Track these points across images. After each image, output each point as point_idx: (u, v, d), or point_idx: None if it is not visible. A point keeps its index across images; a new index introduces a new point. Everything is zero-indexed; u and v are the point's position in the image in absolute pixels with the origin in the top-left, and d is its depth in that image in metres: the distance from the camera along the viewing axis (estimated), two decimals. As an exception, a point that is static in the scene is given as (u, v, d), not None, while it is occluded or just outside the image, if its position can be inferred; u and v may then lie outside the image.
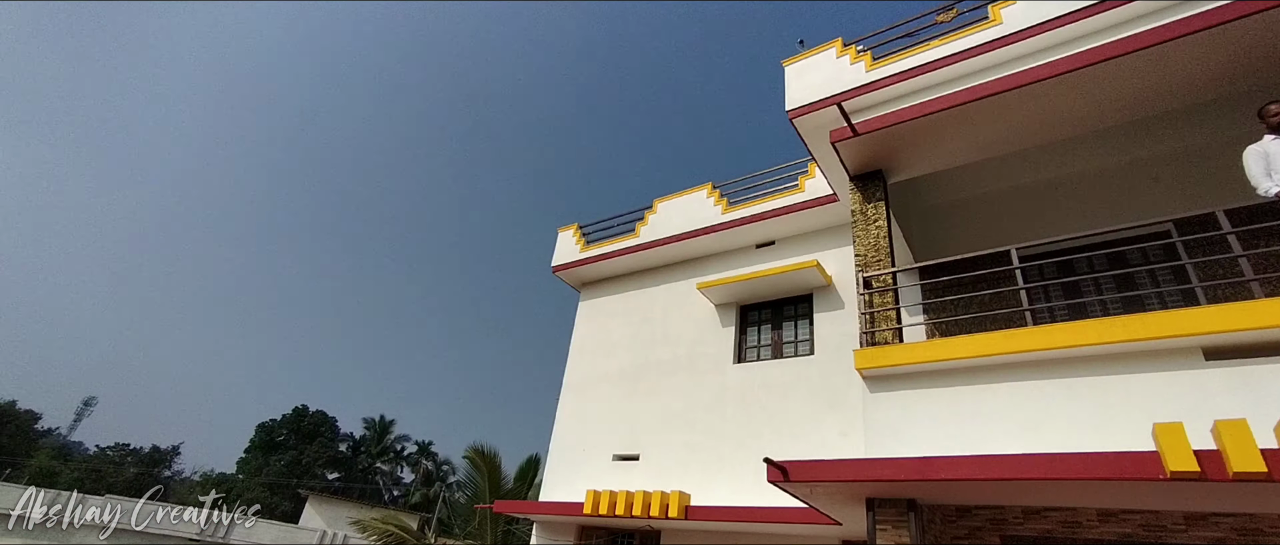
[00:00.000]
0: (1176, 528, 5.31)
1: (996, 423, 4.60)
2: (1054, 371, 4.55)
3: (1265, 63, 5.08)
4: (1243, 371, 3.97)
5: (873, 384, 5.18)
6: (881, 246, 5.99)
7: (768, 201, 9.71)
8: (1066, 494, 4.65)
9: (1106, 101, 5.61)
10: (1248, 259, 5.09)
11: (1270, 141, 4.56)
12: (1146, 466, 3.60)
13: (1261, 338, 3.89)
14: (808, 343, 8.59)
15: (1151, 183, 6.87)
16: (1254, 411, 3.67)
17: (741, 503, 7.30)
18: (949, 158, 6.51)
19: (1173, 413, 3.97)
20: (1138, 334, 4.10)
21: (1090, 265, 7.08)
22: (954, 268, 7.11)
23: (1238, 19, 4.73)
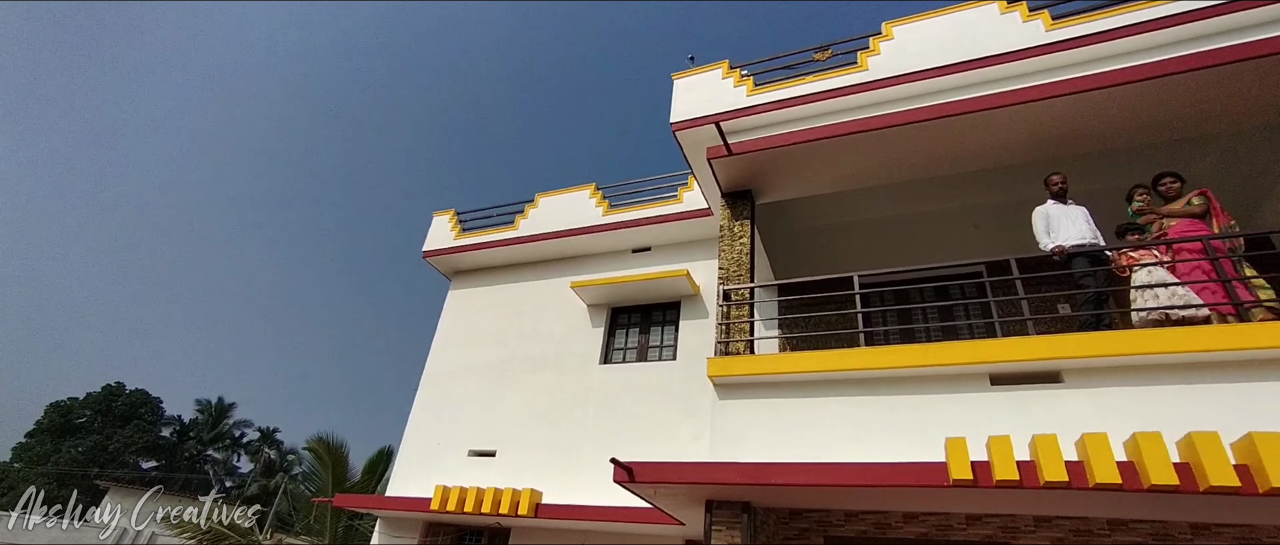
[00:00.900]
0: (959, 527, 6.10)
1: (827, 433, 5.01)
2: (877, 389, 5.04)
3: (1058, 139, 6.00)
4: (1017, 395, 4.65)
5: (722, 391, 5.46)
6: (743, 262, 6.34)
7: (647, 208, 9.94)
8: (880, 499, 5.18)
9: (940, 154, 6.35)
10: (1027, 301, 5.97)
11: (1052, 205, 5.42)
12: (937, 475, 4.11)
13: (1032, 367, 4.58)
14: (671, 349, 8.90)
15: (973, 229, 7.88)
16: (1024, 428, 4.31)
17: (596, 502, 7.38)
18: (812, 186, 7.04)
19: (965, 429, 4.55)
20: (941, 359, 4.67)
21: (921, 295, 7.99)
22: (807, 288, 7.70)
23: (1041, 99, 5.57)
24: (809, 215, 8.27)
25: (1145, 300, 4.69)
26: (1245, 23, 5.79)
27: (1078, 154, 6.16)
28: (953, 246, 7.76)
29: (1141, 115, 5.61)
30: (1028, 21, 6.67)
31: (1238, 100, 5.35)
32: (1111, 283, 5.16)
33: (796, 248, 8.75)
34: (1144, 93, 5.38)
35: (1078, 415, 4.41)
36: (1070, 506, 4.85)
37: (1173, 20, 5.97)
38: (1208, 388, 4.16)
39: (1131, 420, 4.15)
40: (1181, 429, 3.80)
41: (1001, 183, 7.11)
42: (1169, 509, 4.43)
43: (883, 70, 7.00)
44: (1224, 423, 3.89)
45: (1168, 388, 4.26)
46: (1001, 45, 6.56)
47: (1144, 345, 4.28)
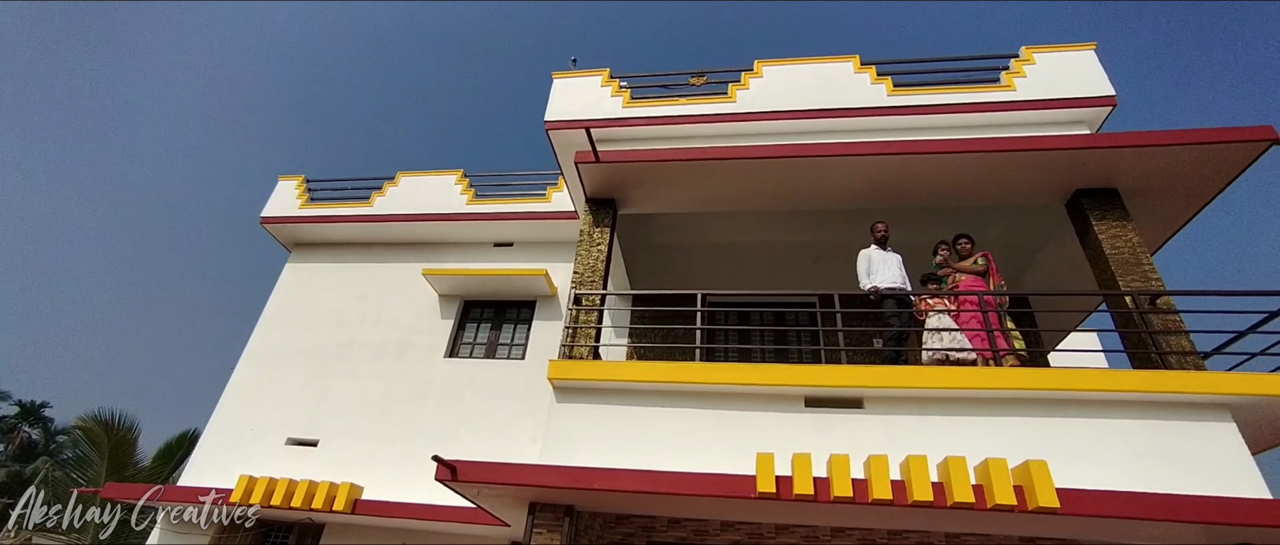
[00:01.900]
0: (769, 536, 6.59)
1: (657, 442, 5.18)
2: (708, 403, 5.30)
3: (888, 191, 6.75)
4: (826, 417, 5.13)
5: (560, 394, 5.45)
6: (598, 269, 6.41)
7: (514, 203, 9.74)
8: (699, 507, 5.44)
9: (791, 190, 6.86)
10: (847, 333, 6.61)
11: (874, 249, 6.08)
12: (746, 487, 4.40)
13: (840, 393, 5.08)
14: (522, 348, 8.77)
15: (813, 262, 8.61)
16: (829, 447, 4.75)
17: (421, 500, 7.02)
18: (673, 204, 7.30)
19: (781, 445, 4.92)
20: (764, 379, 5.03)
21: (760, 318, 8.58)
22: (656, 300, 7.96)
23: (878, 154, 6.24)
24: (669, 231, 8.58)
25: (933, 341, 5.41)
26: (1034, 120, 6.93)
27: (902, 207, 6.96)
28: (793, 276, 8.42)
29: (953, 181, 6.47)
30: (875, 83, 7.47)
31: (1022, 182, 6.35)
32: (912, 324, 5.89)
33: (654, 261, 9.03)
34: (956, 163, 6.21)
35: (873, 437, 4.95)
36: (859, 518, 5.43)
37: (983, 107, 7.00)
38: (970, 419, 4.87)
39: (914, 443, 4.75)
40: (946, 453, 4.42)
41: (840, 224, 7.84)
42: (929, 521, 5.10)
43: (749, 104, 7.47)
44: (978, 448, 4.58)
45: (942, 418, 4.93)
46: (851, 100, 7.28)
47: (927, 380, 4.92)
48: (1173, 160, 5.72)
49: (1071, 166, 6.04)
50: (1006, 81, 7.17)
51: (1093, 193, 6.21)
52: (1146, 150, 5.64)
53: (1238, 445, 4.45)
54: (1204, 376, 4.59)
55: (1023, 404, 4.85)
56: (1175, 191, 6.14)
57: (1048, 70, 7.13)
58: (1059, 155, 5.94)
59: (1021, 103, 6.94)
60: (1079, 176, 6.15)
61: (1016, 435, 4.74)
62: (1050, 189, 6.39)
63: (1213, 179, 5.90)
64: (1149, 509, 4.01)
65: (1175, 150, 5.58)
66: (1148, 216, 6.39)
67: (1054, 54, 7.26)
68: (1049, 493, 3.99)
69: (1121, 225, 5.94)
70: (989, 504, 4.08)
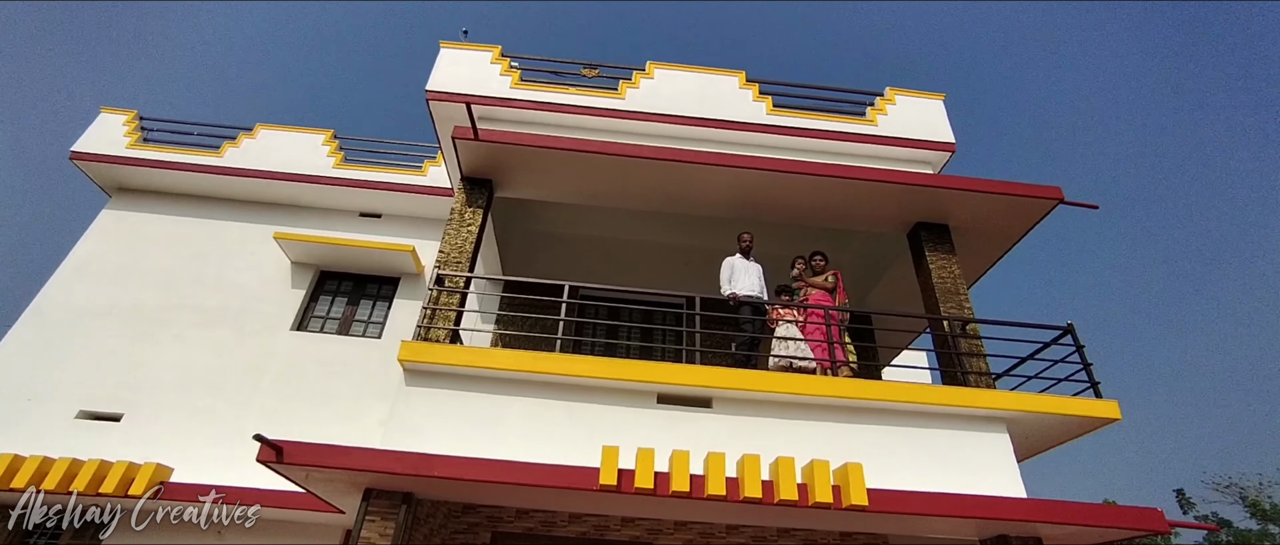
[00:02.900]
0: (615, 528, 6.74)
1: (510, 431, 5.08)
2: (564, 394, 5.28)
3: (759, 204, 7.12)
4: (676, 414, 5.31)
5: (411, 377, 5.20)
6: (466, 250, 6.19)
7: (387, 172, 9.16)
8: (546, 498, 5.40)
9: (668, 193, 7.03)
10: (709, 335, 6.89)
11: (738, 258, 6.40)
12: (588, 479, 4.45)
13: (691, 392, 5.29)
14: (380, 326, 8.27)
15: (685, 265, 8.90)
16: (678, 444, 4.90)
17: (243, 484, 6.37)
18: (553, 192, 7.22)
19: (632, 439, 5.00)
20: (620, 374, 5.11)
21: (629, 314, 8.73)
22: (525, 288, 7.84)
23: (752, 168, 6.55)
24: (547, 219, 8.49)
25: (780, 349, 5.80)
26: (888, 155, 7.64)
27: (769, 220, 7.38)
28: (665, 277, 8.64)
29: (815, 202, 6.96)
30: (757, 101, 7.86)
31: (873, 210, 6.97)
32: (764, 331, 6.27)
33: (530, 248, 8.89)
34: (819, 185, 6.68)
35: (718, 436, 5.20)
36: (699, 513, 5.69)
37: (848, 136, 7.60)
38: (805, 423, 5.27)
39: (754, 443, 5.03)
40: (782, 453, 4.74)
41: (712, 231, 8.17)
42: (761, 516, 5.46)
43: (637, 104, 7.56)
44: (808, 450, 4.96)
45: (781, 420, 5.28)
46: (733, 114, 7.61)
47: (771, 385, 5.25)
48: (989, 205, 6.56)
49: (913, 201, 6.73)
50: (870, 116, 7.84)
51: (929, 227, 6.96)
52: (968, 193, 6.41)
53: (1008, 452, 5.20)
54: (990, 394, 5.30)
55: (850, 412, 5.32)
56: (990, 233, 7.05)
57: (904, 112, 7.89)
58: (904, 189, 6.59)
59: (880, 137, 7.63)
60: (919, 211, 6.87)
61: (843, 439, 5.19)
62: (896, 219, 7.08)
63: (1017, 226, 6.84)
64: (938, 507, 4.56)
65: (989, 197, 6.40)
66: (969, 253, 7.28)
67: (911, 98, 8.05)
68: (861, 492, 4.42)
69: (948, 258, 6.71)
70: (810, 502, 4.44)
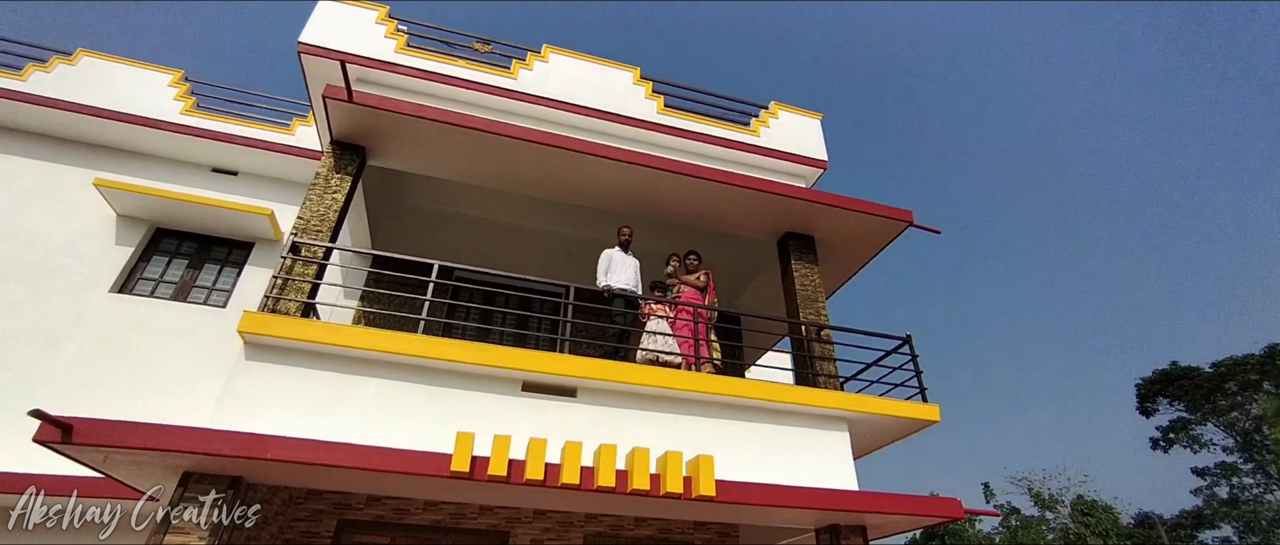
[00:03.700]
0: (472, 516, 6.59)
1: (362, 414, 4.78)
2: (425, 378, 5.05)
3: (642, 200, 7.23)
4: (541, 403, 5.27)
5: (252, 351, 4.76)
6: (329, 219, 5.75)
7: (249, 126, 8.29)
8: (396, 484, 5.14)
9: (554, 180, 6.94)
10: (584, 325, 6.90)
11: (616, 251, 6.47)
12: (439, 465, 4.30)
13: (557, 381, 5.27)
14: (225, 294, 7.47)
15: (566, 255, 8.86)
16: (540, 432, 4.86)
17: (26, 470, 5.49)
18: (433, 168, 6.89)
19: (494, 427, 4.90)
20: (484, 360, 4.98)
21: (506, 300, 8.55)
22: (399, 266, 7.43)
23: (637, 164, 6.63)
24: (426, 195, 8.09)
25: (649, 343, 5.93)
26: (767, 166, 8.05)
27: (650, 217, 7.52)
28: (547, 265, 8.55)
29: (695, 203, 7.18)
30: (649, 99, 7.97)
31: (749, 216, 7.31)
32: (635, 324, 6.38)
33: (405, 223, 8.44)
34: (700, 187, 6.90)
35: (581, 425, 5.22)
36: (557, 502, 5.69)
37: (732, 144, 7.92)
38: (666, 415, 5.43)
39: (616, 434, 5.11)
40: (644, 444, 4.85)
41: (595, 222, 8.19)
42: (618, 506, 5.57)
43: (529, 85, 7.40)
44: (667, 441, 5.12)
45: (644, 412, 5.40)
46: (624, 109, 7.66)
47: (636, 377, 5.35)
48: (850, 222, 7.12)
49: (785, 212, 7.14)
50: (754, 127, 8.22)
51: (797, 237, 7.43)
52: (833, 209, 6.92)
53: (847, 449, 5.69)
54: (835, 395, 5.77)
55: (709, 406, 5.56)
56: (851, 247, 7.65)
57: (785, 126, 8.36)
58: (777, 200, 6.97)
59: (761, 148, 8.02)
60: (789, 221, 7.30)
61: (700, 433, 5.41)
62: (768, 228, 7.48)
63: (874, 243, 7.48)
64: (778, 498, 4.89)
65: (851, 214, 6.95)
66: (831, 264, 7.85)
67: (793, 114, 8.54)
68: (710, 483, 4.63)
69: (811, 268, 7.20)
70: (662, 491, 4.59)
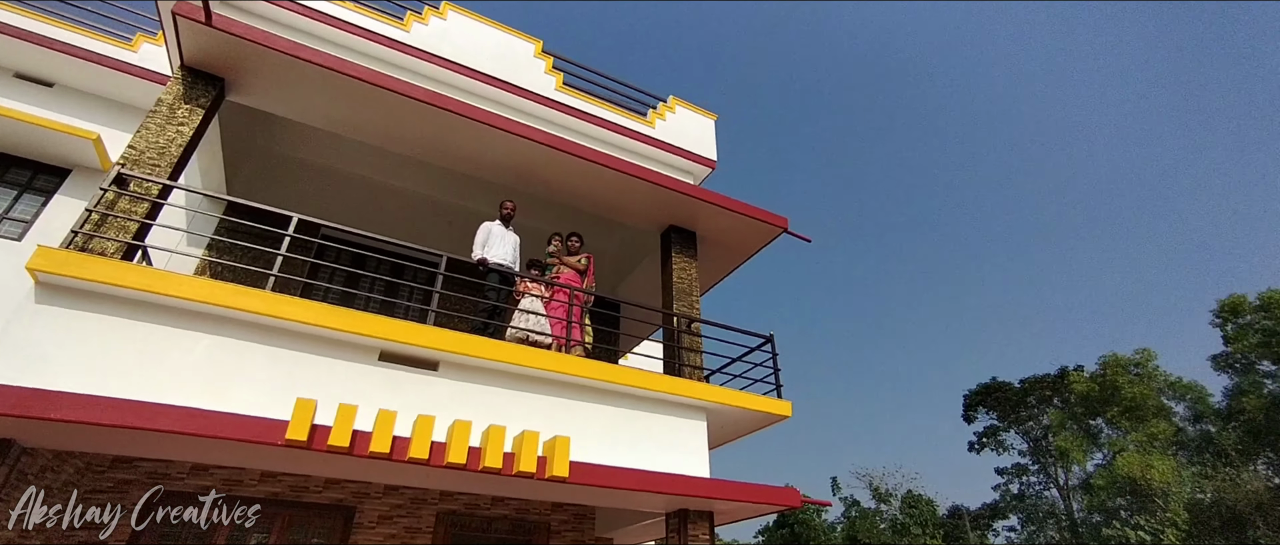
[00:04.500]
0: (316, 489, 6.19)
1: (188, 372, 4.30)
2: (266, 338, 4.63)
3: (532, 176, 7.06)
4: (399, 374, 5.02)
5: (45, 293, 4.11)
6: (171, 153, 5.09)
7: (73, 32, 7.11)
8: (228, 453, 4.68)
9: (440, 145, 6.59)
10: (455, 297, 6.65)
11: (496, 225, 6.30)
12: (271, 432, 3.98)
13: (417, 353, 5.04)
14: (24, 225, 6.39)
15: (448, 225, 8.48)
16: (396, 404, 4.64)
17: None
18: (304, 113, 6.30)
19: (344, 396, 4.60)
20: (335, 323, 4.65)
21: (377, 265, 8.05)
22: (250, 215, 6.75)
23: (528, 139, 6.45)
24: (298, 144, 7.41)
25: (520, 321, 5.84)
26: (659, 158, 8.18)
27: (538, 195, 7.38)
28: (425, 233, 8.14)
29: (584, 186, 7.12)
30: (548, 74, 7.80)
31: (635, 205, 7.38)
32: (508, 301, 6.26)
33: (272, 172, 7.69)
34: (589, 170, 6.86)
35: (440, 400, 5.04)
36: (410, 477, 5.46)
37: (627, 132, 7.96)
38: (530, 395, 5.37)
39: (476, 411, 4.98)
40: (504, 422, 4.77)
41: (480, 193, 7.89)
42: (471, 483, 5.45)
43: (422, 41, 6.99)
44: (528, 421, 5.08)
45: (508, 391, 5.31)
46: (521, 80, 7.45)
47: (503, 354, 5.24)
48: (730, 222, 7.42)
49: (671, 205, 7.29)
50: (650, 118, 8.31)
51: (680, 231, 7.62)
52: (716, 208, 7.17)
53: (703, 438, 5.95)
54: (695, 385, 6.01)
55: (574, 389, 5.57)
56: (729, 246, 7.97)
57: (681, 122, 8.53)
58: (665, 192, 7.10)
59: (655, 140, 8.14)
60: (674, 215, 7.47)
61: (563, 414, 5.41)
62: (654, 219, 7.60)
63: (751, 244, 7.86)
64: (630, 482, 5.02)
65: (732, 215, 7.25)
66: (710, 260, 8.14)
67: (689, 111, 8.73)
68: (563, 464, 4.66)
69: (690, 262, 7.43)
70: (515, 470, 4.55)
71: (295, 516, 6.02)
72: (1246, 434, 25.24)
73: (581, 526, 7.24)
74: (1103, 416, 31.67)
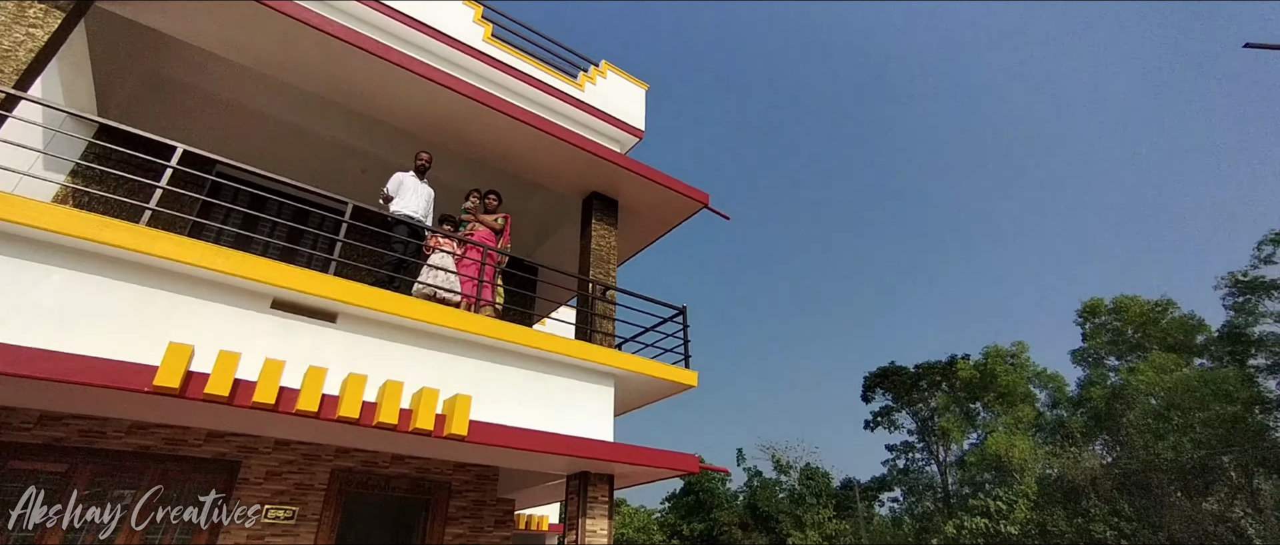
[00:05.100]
0: (195, 442, 5.79)
1: (35, 310, 3.86)
2: (138, 277, 4.24)
3: (451, 129, 6.77)
4: (293, 323, 4.75)
5: None
6: (18, 60, 4.48)
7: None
8: (84, 400, 4.27)
9: (352, 85, 6.17)
10: (358, 247, 6.33)
11: (410, 176, 6.02)
12: (140, 378, 3.66)
13: (314, 302, 4.77)
14: None
15: (361, 172, 8.01)
16: (283, 354, 4.39)
17: None
18: (192, 33, 5.70)
19: (232, 343, 4.30)
20: (217, 265, 4.31)
21: (279, 209, 7.49)
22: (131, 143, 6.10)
23: (447, 88, 6.15)
24: (193, 70, 6.69)
25: (429, 277, 5.65)
26: (586, 123, 8.06)
27: (458, 150, 7.09)
28: (336, 180, 7.66)
29: (507, 144, 6.91)
30: (477, 24, 7.45)
31: (559, 169, 7.26)
32: (417, 256, 6.02)
33: (160, 98, 6.93)
34: (516, 129, 6.65)
35: (338, 353, 4.82)
36: (300, 431, 5.19)
37: (556, 93, 7.77)
38: (434, 353, 5.23)
39: (376, 366, 4.81)
40: (402, 378, 4.63)
41: (401, 143, 7.48)
42: (368, 439, 5.28)
43: (335, -30, 6.46)
44: (429, 379, 4.96)
45: (410, 347, 5.15)
46: (448, 26, 7.08)
47: (405, 309, 5.05)
48: (653, 194, 7.46)
49: (594, 171, 7.23)
50: (580, 82, 8.15)
51: (602, 199, 7.58)
52: (639, 178, 7.18)
53: (609, 403, 6.04)
54: (604, 351, 6.06)
55: (481, 349, 5.48)
56: (651, 218, 8.03)
57: (611, 88, 8.42)
58: (589, 158, 7.01)
59: (584, 104, 8.00)
60: (597, 182, 7.42)
61: (468, 374, 5.32)
62: (576, 184, 7.52)
63: (672, 217, 7.95)
64: (530, 443, 5.02)
65: (655, 187, 7.28)
66: (630, 230, 8.17)
67: (620, 78, 8.62)
68: (463, 422, 4.59)
69: (609, 230, 7.42)
70: (411, 427, 4.44)
71: (170, 471, 5.61)
72: (1090, 419, 28.60)
73: (484, 487, 7.20)
74: (981, 401, 34.91)
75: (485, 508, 7.09)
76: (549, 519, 12.00)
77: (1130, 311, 30.02)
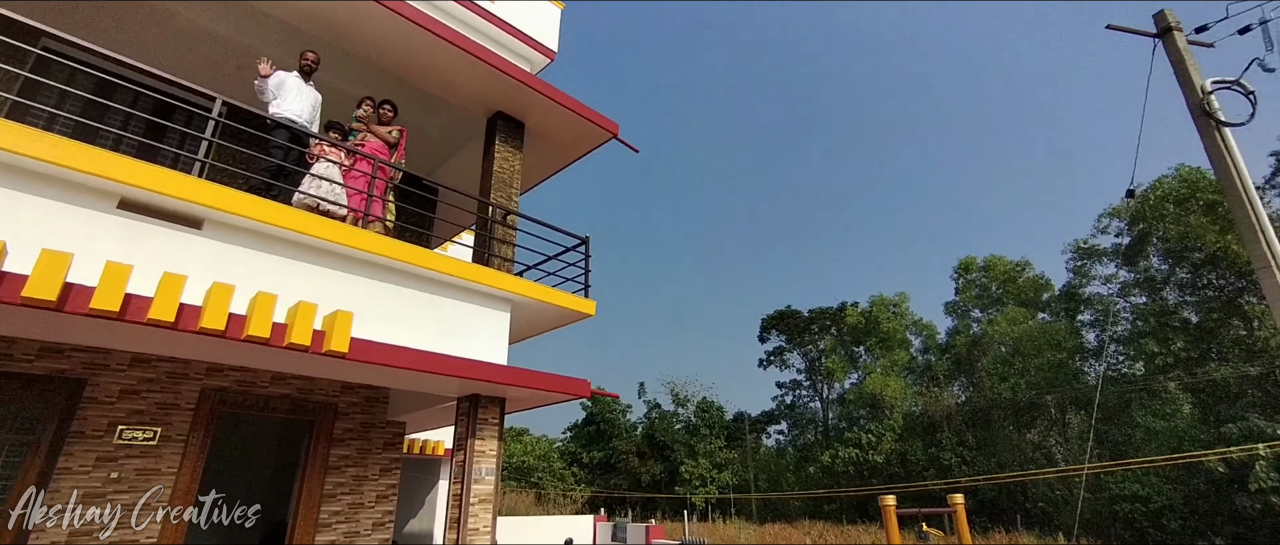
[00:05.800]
0: (24, 357, 5.22)
1: None
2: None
3: (337, 27, 6.17)
4: (145, 227, 4.30)
5: None
6: None
7: None
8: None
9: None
10: (229, 149, 5.79)
11: (294, 76, 5.48)
12: (-54, 276, 3.21)
13: (175, 206, 4.33)
14: None
15: (237, 69, 7.17)
16: (133, 259, 3.98)
17: None
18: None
19: (63, 244, 3.84)
20: (40, 153, 3.79)
21: (135, 100, 6.61)
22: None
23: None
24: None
25: (311, 187, 5.26)
26: (493, 36, 7.61)
27: (351, 53, 6.49)
28: (210, 75, 6.81)
29: (404, 51, 6.40)
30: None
31: (461, 83, 6.85)
32: (300, 164, 5.57)
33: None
34: (412, 34, 6.15)
35: (201, 262, 4.44)
36: (165, 345, 4.80)
37: (461, 0, 7.24)
38: (312, 267, 4.94)
39: (242, 277, 4.48)
40: (275, 292, 4.34)
41: (286, 40, 6.72)
42: (239, 355, 4.97)
43: None
44: (308, 295, 4.70)
45: (285, 260, 4.84)
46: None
47: (282, 219, 4.71)
48: (561, 118, 7.26)
49: (499, 89, 6.89)
50: (489, -9, 7.63)
51: (508, 120, 7.29)
52: (546, 101, 6.94)
53: (504, 327, 6.02)
54: (501, 275, 5.98)
55: (368, 267, 5.23)
56: (558, 144, 7.84)
57: (523, 2, 7.96)
58: (493, 73, 6.66)
59: (492, 16, 7.53)
60: (502, 101, 7.10)
61: (352, 292, 5.09)
62: (480, 102, 7.15)
63: (580, 145, 7.80)
64: (416, 362, 4.94)
65: (563, 111, 7.08)
66: (536, 155, 7.95)
67: (532, -7, 8.15)
68: (343, 339, 4.42)
69: (514, 153, 7.18)
70: (286, 342, 4.22)
71: (-4, 386, 5.00)
72: (953, 363, 32.09)
73: (372, 409, 7.05)
74: (864, 345, 38.06)
75: (373, 430, 6.97)
76: (445, 444, 12.02)
77: (996, 269, 33.42)
